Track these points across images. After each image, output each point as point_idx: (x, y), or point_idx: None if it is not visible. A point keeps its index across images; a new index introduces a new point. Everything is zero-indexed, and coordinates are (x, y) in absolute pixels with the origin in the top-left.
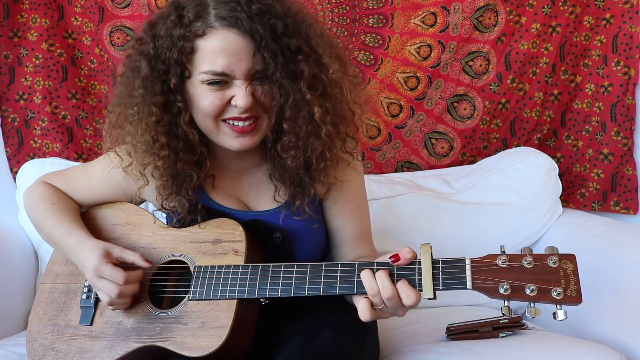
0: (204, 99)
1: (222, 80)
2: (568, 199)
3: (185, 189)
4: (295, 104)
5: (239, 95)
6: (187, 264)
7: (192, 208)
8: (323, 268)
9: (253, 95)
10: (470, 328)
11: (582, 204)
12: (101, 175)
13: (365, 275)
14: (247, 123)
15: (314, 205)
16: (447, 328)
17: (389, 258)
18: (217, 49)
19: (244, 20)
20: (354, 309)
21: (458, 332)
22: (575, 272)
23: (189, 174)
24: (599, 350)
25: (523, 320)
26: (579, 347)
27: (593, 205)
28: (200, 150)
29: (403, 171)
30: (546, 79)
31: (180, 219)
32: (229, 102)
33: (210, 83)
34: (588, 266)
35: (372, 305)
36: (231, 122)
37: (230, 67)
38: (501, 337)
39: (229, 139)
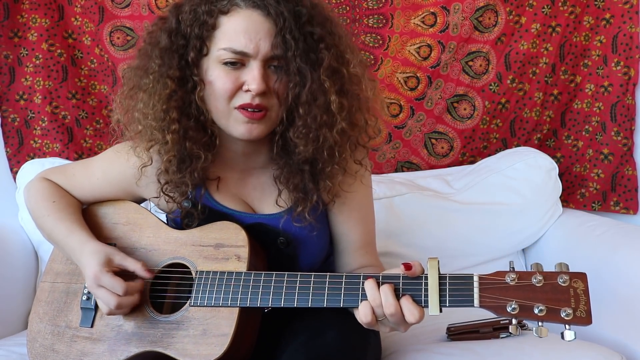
0: (217, 79)
1: (238, 61)
2: (568, 199)
3: (190, 172)
4: (312, 91)
5: (253, 78)
6: (188, 267)
7: (190, 200)
8: (327, 279)
9: (266, 83)
10: (470, 328)
11: (582, 204)
12: (101, 174)
13: (369, 286)
14: (256, 110)
15: (316, 213)
16: (448, 328)
17: (402, 264)
18: (239, 28)
19: (269, 3)
20: None
21: (458, 333)
22: (586, 292)
23: (196, 154)
24: (599, 352)
25: (524, 321)
26: (579, 348)
27: (593, 205)
28: (211, 130)
29: (403, 171)
30: (546, 79)
31: (182, 219)
32: (241, 86)
33: (227, 63)
34: (587, 266)
35: (374, 312)
36: (242, 108)
37: (249, 46)
38: (502, 337)
39: (238, 125)
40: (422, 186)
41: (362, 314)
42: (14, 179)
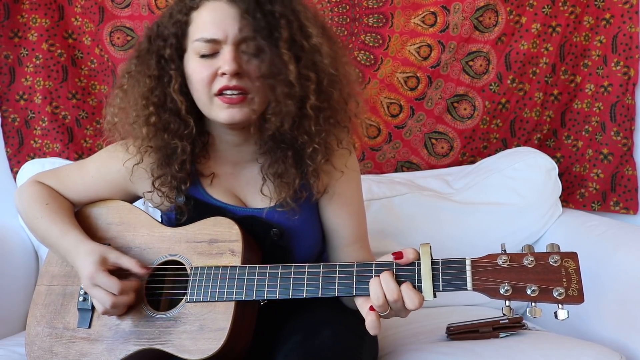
0: (194, 71)
1: (212, 51)
2: (568, 199)
3: (173, 164)
4: (274, 65)
5: (225, 60)
6: (183, 264)
7: (183, 194)
8: (321, 269)
9: (239, 65)
10: (470, 328)
11: (582, 204)
12: (96, 172)
13: (374, 284)
14: (235, 92)
15: (299, 200)
16: (447, 328)
17: (392, 254)
18: (208, 18)
19: None
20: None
21: (458, 332)
22: (577, 270)
23: (174, 145)
24: (599, 351)
25: (524, 321)
26: (579, 347)
27: (593, 205)
28: (189, 122)
29: (403, 171)
30: (546, 79)
31: (176, 213)
32: (217, 72)
33: (203, 56)
34: (587, 266)
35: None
36: (222, 93)
37: (218, 33)
38: (501, 337)
39: (220, 112)
40: (422, 186)
41: (371, 329)
42: (14, 179)
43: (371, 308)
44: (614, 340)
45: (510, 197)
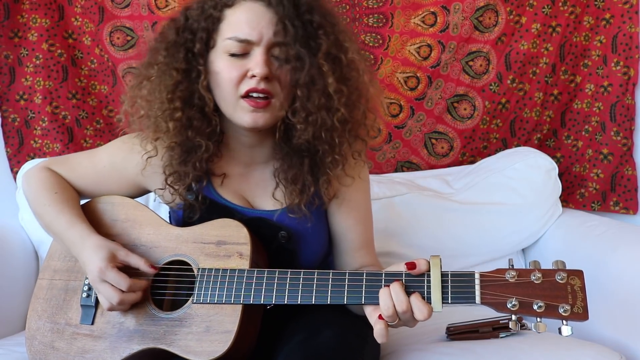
0: (223, 70)
1: (243, 51)
2: (568, 199)
3: (193, 163)
4: (311, 75)
5: (256, 63)
6: (189, 264)
7: (194, 192)
8: (330, 276)
9: (269, 69)
10: (470, 328)
11: (582, 204)
12: (108, 161)
13: (384, 295)
14: (261, 96)
15: (312, 207)
16: (447, 328)
17: (405, 264)
18: (242, 18)
19: None
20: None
21: (458, 332)
22: (583, 288)
23: (198, 143)
24: (599, 351)
25: (524, 321)
26: (579, 347)
27: (592, 205)
28: (214, 120)
29: (403, 171)
30: (546, 79)
31: (184, 211)
32: (246, 74)
33: (233, 55)
34: (587, 266)
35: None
36: (249, 95)
37: (253, 35)
38: (501, 337)
39: (244, 115)
40: (422, 186)
41: (379, 337)
42: (14, 179)
43: (380, 317)
44: (614, 340)
45: (510, 197)
